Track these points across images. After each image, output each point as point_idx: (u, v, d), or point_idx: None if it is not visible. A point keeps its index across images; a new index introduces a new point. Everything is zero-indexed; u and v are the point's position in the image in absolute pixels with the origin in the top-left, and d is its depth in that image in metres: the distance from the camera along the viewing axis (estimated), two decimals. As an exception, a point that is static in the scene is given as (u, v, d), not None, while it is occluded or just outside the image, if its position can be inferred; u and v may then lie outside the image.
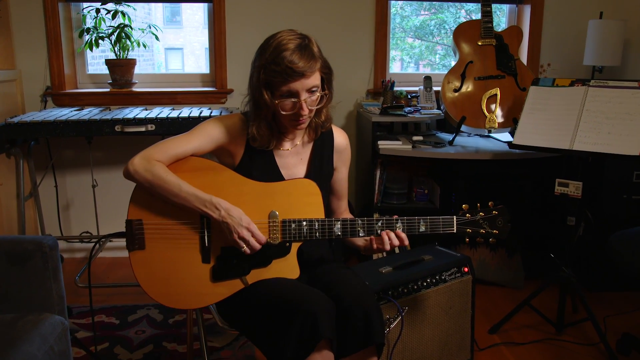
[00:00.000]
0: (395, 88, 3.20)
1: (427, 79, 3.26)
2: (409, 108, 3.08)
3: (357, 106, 3.40)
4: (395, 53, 3.82)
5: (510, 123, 2.89)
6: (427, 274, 2.00)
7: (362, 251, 1.71)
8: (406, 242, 1.59)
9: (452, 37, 3.02)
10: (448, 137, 3.09)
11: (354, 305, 1.48)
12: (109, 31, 3.22)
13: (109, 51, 3.29)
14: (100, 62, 3.57)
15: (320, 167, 1.71)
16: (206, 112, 2.90)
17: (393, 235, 1.58)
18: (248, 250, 1.51)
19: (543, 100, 2.52)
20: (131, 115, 2.77)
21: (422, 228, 1.60)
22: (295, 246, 1.58)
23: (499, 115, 2.90)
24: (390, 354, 1.89)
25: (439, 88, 2.99)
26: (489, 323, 2.58)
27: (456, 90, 2.93)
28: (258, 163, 1.64)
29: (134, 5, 3.32)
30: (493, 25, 2.97)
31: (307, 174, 1.69)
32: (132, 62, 3.27)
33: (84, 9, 3.28)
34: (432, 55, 4.06)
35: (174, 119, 2.76)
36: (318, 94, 1.55)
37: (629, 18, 3.23)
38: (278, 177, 1.65)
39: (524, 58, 3.46)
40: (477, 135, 3.21)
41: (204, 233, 1.56)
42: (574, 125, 2.38)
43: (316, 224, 1.57)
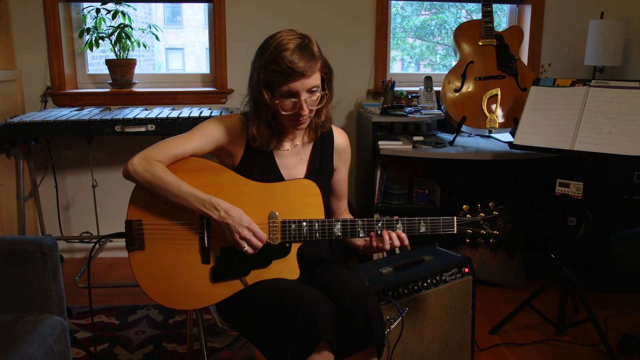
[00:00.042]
0: (395, 88, 3.20)
1: (428, 79, 3.25)
2: (410, 108, 3.08)
3: (358, 106, 3.40)
4: (395, 53, 3.82)
5: (510, 123, 2.88)
6: (428, 275, 1.99)
7: (362, 251, 1.71)
8: (406, 243, 1.59)
9: (453, 37, 3.01)
10: (449, 138, 3.08)
11: (354, 305, 1.47)
12: (109, 31, 3.22)
13: (109, 51, 3.29)
14: (100, 62, 3.57)
15: (320, 168, 1.71)
16: (206, 112, 2.89)
17: (394, 235, 1.57)
18: (250, 250, 1.51)
19: (544, 100, 2.52)
20: (131, 115, 2.77)
21: (423, 229, 1.60)
22: (295, 247, 1.57)
23: (500, 115, 2.89)
24: (390, 355, 1.88)
25: (440, 88, 2.99)
26: (490, 324, 2.57)
27: (457, 90, 2.93)
28: (258, 163, 1.63)
29: (134, 5, 3.32)
30: (494, 25, 2.97)
31: (307, 175, 1.69)
32: (132, 62, 3.27)
33: (84, 9, 3.28)
34: (433, 55, 4.06)
35: (174, 119, 2.76)
36: (318, 94, 1.55)
37: (630, 18, 3.23)
38: (278, 178, 1.64)
39: (525, 58, 3.46)
40: (478, 135, 3.21)
41: (204, 233, 1.56)
42: (575, 125, 2.37)
43: (316, 225, 1.56)
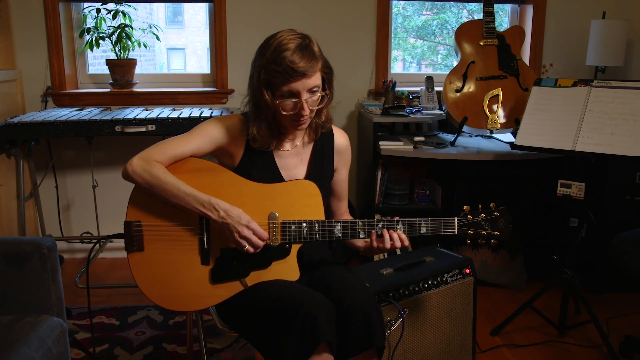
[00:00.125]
0: (396, 88, 3.19)
1: (429, 79, 3.24)
2: (411, 108, 3.07)
3: (359, 106, 3.39)
4: (397, 53, 3.81)
5: (512, 124, 2.88)
6: (429, 276, 1.99)
7: (363, 252, 1.70)
8: (406, 244, 1.58)
9: (454, 37, 3.00)
10: (450, 138, 3.07)
11: (354, 307, 1.46)
12: (110, 31, 3.21)
13: (110, 51, 3.29)
14: (101, 62, 3.57)
15: (320, 168, 1.70)
16: (207, 113, 2.89)
17: (395, 235, 1.56)
18: (251, 249, 1.49)
19: (545, 100, 2.51)
20: (131, 115, 2.77)
21: (423, 229, 1.59)
22: (295, 248, 1.57)
23: (501, 115, 2.88)
24: (391, 357, 1.87)
25: (441, 88, 2.98)
26: (491, 325, 2.56)
27: (458, 90, 2.92)
28: (258, 164, 1.62)
29: (135, 5, 3.31)
30: (495, 25, 2.96)
31: (307, 175, 1.68)
32: (133, 62, 3.27)
33: (85, 9, 3.28)
34: (434, 55, 4.05)
35: (175, 119, 2.75)
36: (319, 94, 1.54)
37: (632, 18, 3.21)
38: (278, 178, 1.64)
39: (526, 58, 3.45)
40: (479, 135, 3.20)
41: (203, 235, 1.55)
42: (577, 126, 2.36)
43: (316, 226, 1.56)
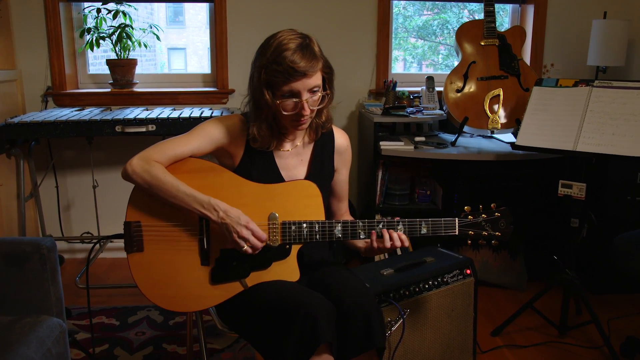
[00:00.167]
0: (397, 88, 3.18)
1: (430, 79, 3.24)
2: (411, 108, 3.06)
3: (359, 106, 3.39)
4: (398, 53, 3.81)
5: (513, 124, 2.87)
6: (429, 276, 1.98)
7: (363, 253, 1.69)
8: (407, 244, 1.57)
9: (455, 37, 3.00)
10: (450, 138, 3.07)
11: (354, 308, 1.46)
12: (110, 31, 3.21)
13: (110, 51, 3.28)
14: (101, 62, 3.56)
15: (320, 168, 1.70)
16: (207, 113, 2.89)
17: (395, 235, 1.56)
18: (250, 249, 1.49)
19: (546, 100, 2.50)
20: (132, 115, 2.76)
21: (424, 230, 1.59)
22: (295, 248, 1.56)
23: (502, 115, 2.88)
24: (391, 357, 1.87)
25: (442, 88, 2.97)
26: (492, 325, 2.56)
27: (459, 90, 2.91)
28: (258, 164, 1.62)
29: (136, 5, 3.31)
30: (496, 25, 2.95)
31: (308, 175, 1.68)
32: (133, 62, 3.26)
33: (85, 9, 3.28)
34: (435, 55, 4.04)
35: (175, 120, 2.75)
36: (319, 94, 1.54)
37: (633, 18, 3.21)
38: (278, 178, 1.63)
39: (527, 58, 3.44)
40: (480, 136, 3.19)
41: (203, 235, 1.54)
42: (578, 126, 2.36)
43: (316, 226, 1.55)
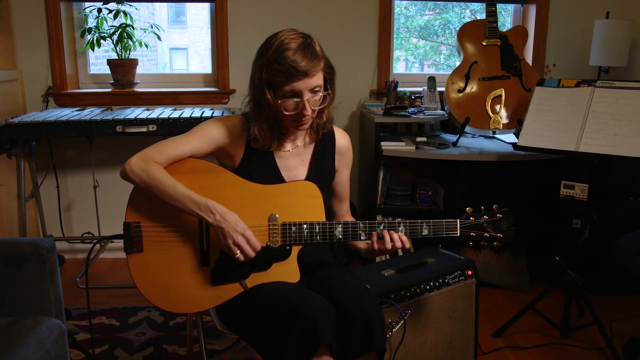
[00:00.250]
0: (398, 88, 3.17)
1: (431, 80, 3.22)
2: (413, 109, 3.06)
3: (361, 107, 3.38)
4: (399, 53, 3.80)
5: (515, 124, 2.86)
6: (430, 277, 1.97)
7: (365, 254, 1.69)
8: (407, 245, 1.57)
9: (457, 37, 2.99)
10: (452, 138, 3.06)
11: (355, 309, 1.45)
12: (111, 31, 3.20)
13: (111, 51, 3.28)
14: (102, 62, 3.56)
15: (321, 169, 1.69)
16: (208, 113, 2.88)
17: (395, 236, 1.55)
18: (242, 257, 1.48)
19: (548, 101, 2.49)
20: (132, 115, 2.76)
21: (425, 231, 1.58)
22: (295, 250, 1.55)
23: (504, 116, 2.87)
24: (392, 359, 1.86)
25: (443, 89, 2.96)
26: (493, 327, 2.55)
27: (460, 90, 2.90)
28: (258, 164, 1.61)
29: (137, 5, 3.31)
30: (498, 25, 2.94)
31: (308, 176, 1.67)
32: (134, 62, 3.26)
33: (86, 9, 3.27)
34: (437, 55, 4.03)
35: (176, 120, 2.74)
36: (321, 94, 1.53)
37: (636, 18, 3.19)
38: (278, 179, 1.62)
39: (529, 58, 3.43)
40: (482, 136, 3.18)
41: (203, 236, 1.54)
42: (580, 126, 2.34)
43: (317, 227, 1.54)
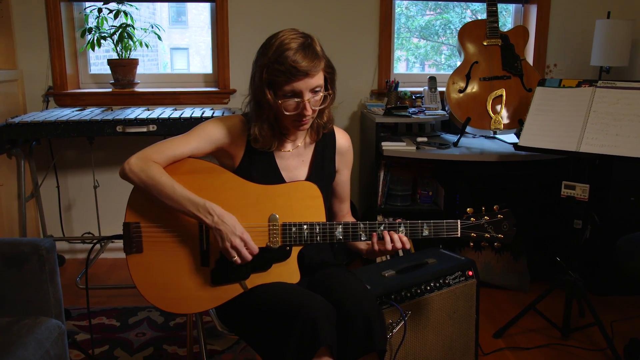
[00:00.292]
0: (399, 88, 3.17)
1: (432, 80, 3.22)
2: (414, 109, 3.05)
3: (361, 107, 3.37)
4: (400, 53, 3.79)
5: (515, 124, 2.85)
6: (431, 278, 1.97)
7: (365, 255, 1.68)
8: (407, 246, 1.56)
9: (457, 37, 2.98)
10: (453, 139, 3.05)
11: (355, 310, 1.44)
12: (111, 31, 3.20)
13: (112, 51, 3.28)
14: (103, 62, 3.56)
15: (322, 169, 1.68)
16: (208, 113, 2.88)
17: (396, 236, 1.54)
18: (239, 260, 1.48)
19: (549, 101, 2.49)
20: (133, 115, 2.76)
21: (426, 232, 1.57)
22: (295, 250, 1.55)
23: (505, 116, 2.86)
24: (392, 360, 1.85)
25: (444, 89, 2.96)
26: (494, 327, 2.54)
27: (461, 90, 2.90)
28: (258, 165, 1.61)
29: (138, 5, 3.30)
30: (499, 25, 2.94)
31: (309, 176, 1.66)
32: (135, 62, 3.25)
33: (86, 9, 3.27)
34: (438, 55, 4.03)
35: (176, 120, 2.74)
36: (321, 94, 1.52)
37: (637, 18, 3.18)
38: (279, 179, 1.62)
39: (530, 58, 3.42)
40: (482, 136, 3.17)
41: (203, 236, 1.53)
42: (581, 126, 2.34)
43: (317, 228, 1.54)
